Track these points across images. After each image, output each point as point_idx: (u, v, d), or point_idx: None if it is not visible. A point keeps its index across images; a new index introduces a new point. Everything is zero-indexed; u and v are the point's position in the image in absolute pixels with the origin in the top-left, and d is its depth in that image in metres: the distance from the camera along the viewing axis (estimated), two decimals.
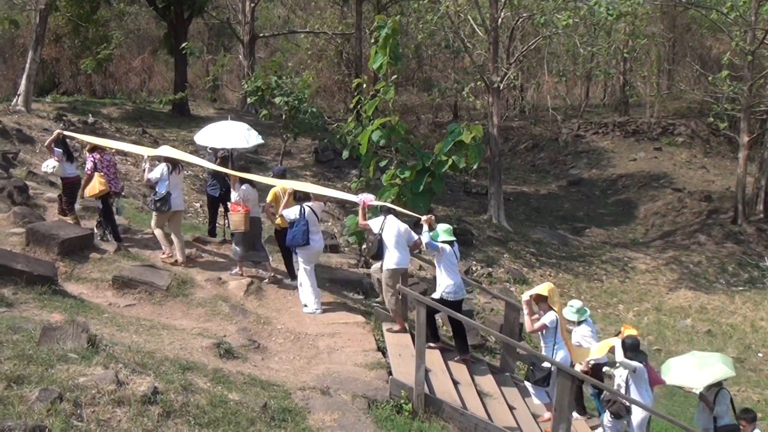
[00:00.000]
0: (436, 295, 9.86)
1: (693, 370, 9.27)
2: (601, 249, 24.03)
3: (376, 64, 13.33)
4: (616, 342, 8.99)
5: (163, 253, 11.70)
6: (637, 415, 8.92)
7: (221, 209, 13.24)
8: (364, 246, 14.92)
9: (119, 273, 10.53)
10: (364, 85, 14.58)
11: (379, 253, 10.17)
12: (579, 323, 9.86)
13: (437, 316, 12.77)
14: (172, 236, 11.67)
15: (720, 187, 28.94)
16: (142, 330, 8.88)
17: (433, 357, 9.82)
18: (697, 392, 9.71)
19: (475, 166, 13.80)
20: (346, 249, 16.46)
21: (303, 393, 8.16)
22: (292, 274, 11.58)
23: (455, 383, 9.44)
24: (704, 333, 17.65)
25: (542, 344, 9.31)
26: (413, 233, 10.19)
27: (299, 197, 10.73)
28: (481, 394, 9.46)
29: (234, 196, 11.31)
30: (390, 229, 10.08)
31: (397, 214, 10.38)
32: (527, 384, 9.51)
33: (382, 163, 13.53)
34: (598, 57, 32.23)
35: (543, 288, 9.33)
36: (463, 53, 28.99)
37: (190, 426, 6.58)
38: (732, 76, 24.36)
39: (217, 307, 10.36)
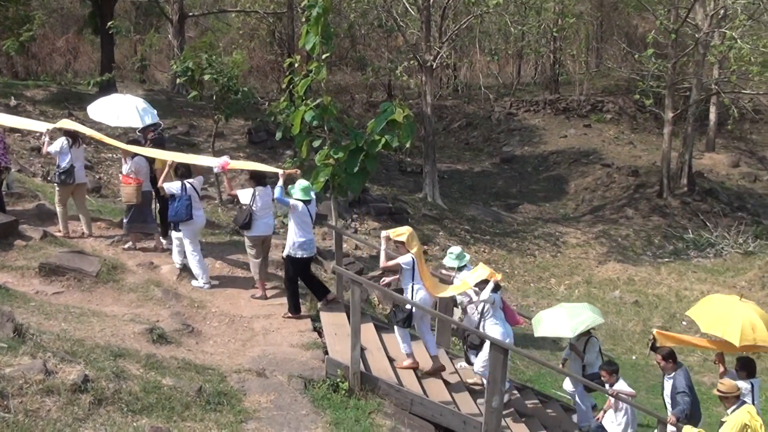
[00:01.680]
0: (285, 252, 10.12)
1: (563, 320, 9.59)
2: (534, 225, 24.50)
3: (308, 44, 13.24)
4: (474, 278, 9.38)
5: (58, 231, 11.68)
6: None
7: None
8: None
9: (46, 260, 10.27)
10: (297, 65, 14.44)
11: (247, 224, 10.34)
12: (460, 269, 10.24)
13: (372, 295, 12.87)
14: (78, 210, 11.85)
15: (646, 162, 29.78)
16: (71, 318, 8.71)
17: (369, 335, 9.92)
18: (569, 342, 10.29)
19: (407, 145, 13.90)
20: (281, 231, 16.37)
21: (238, 375, 8.16)
22: (164, 232, 11.90)
23: (391, 360, 9.56)
24: (632, 304, 18.20)
25: (401, 285, 9.55)
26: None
27: (181, 173, 10.83)
28: (416, 371, 9.60)
29: (125, 168, 11.47)
30: (259, 198, 10.31)
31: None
32: (395, 329, 9.68)
33: (316, 144, 13.48)
34: (528, 36, 32.62)
35: (401, 231, 9.56)
36: (396, 32, 28.95)
37: (123, 413, 6.52)
38: (657, 54, 24.95)
39: (149, 292, 10.24)
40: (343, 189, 13.51)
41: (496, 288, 9.40)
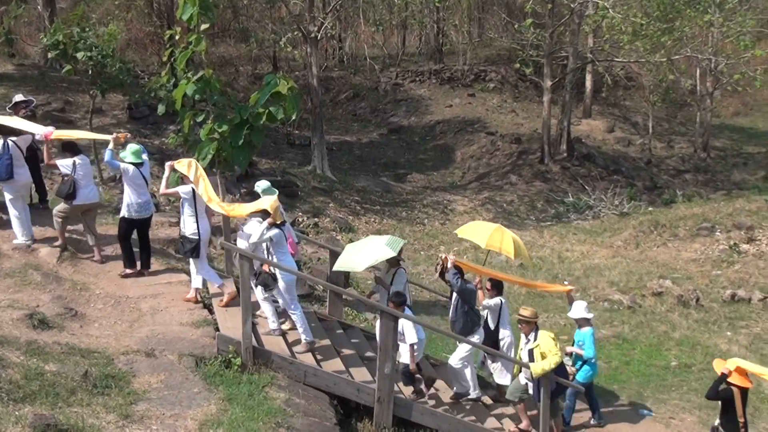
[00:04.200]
0: (120, 214, 10.42)
1: (356, 253, 9.60)
2: (422, 194, 24.93)
3: (185, 15, 12.86)
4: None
5: None
6: (281, 280, 9.32)
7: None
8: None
9: None
10: (177, 37, 14.00)
11: (72, 194, 10.39)
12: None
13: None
14: None
15: (528, 129, 30.78)
16: None
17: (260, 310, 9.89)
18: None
19: (293, 117, 13.79)
20: (167, 207, 16.00)
21: (126, 357, 7.99)
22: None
23: (283, 333, 9.58)
24: (517, 266, 18.86)
25: (182, 215, 9.84)
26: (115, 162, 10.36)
27: (4, 132, 10.62)
28: (309, 342, 9.66)
29: None
30: (81, 168, 10.43)
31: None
32: (191, 263, 9.92)
33: (199, 118, 13.17)
34: (411, 6, 32.83)
35: (183, 162, 9.70)
36: (279, 3, 28.55)
37: (4, 402, 6.29)
38: (535, 24, 25.71)
39: (28, 277, 9.82)
40: (230, 163, 13.27)
41: (281, 224, 9.49)
